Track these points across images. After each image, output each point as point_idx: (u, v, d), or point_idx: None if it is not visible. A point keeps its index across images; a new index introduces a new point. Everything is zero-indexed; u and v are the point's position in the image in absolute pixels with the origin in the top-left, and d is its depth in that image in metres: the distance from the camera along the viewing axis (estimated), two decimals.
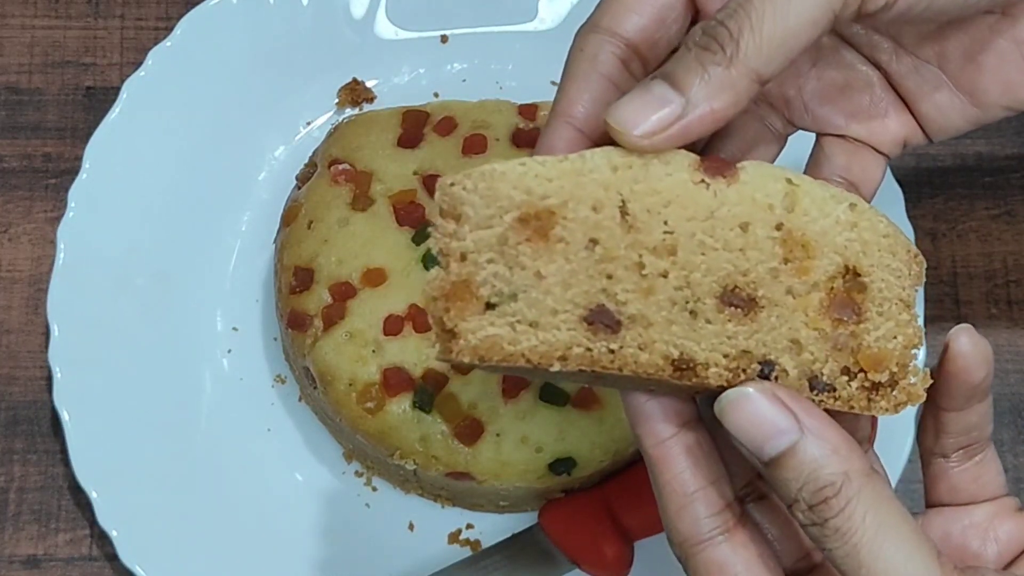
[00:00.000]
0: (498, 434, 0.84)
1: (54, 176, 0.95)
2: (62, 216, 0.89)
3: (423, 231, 0.86)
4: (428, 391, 0.84)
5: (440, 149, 0.89)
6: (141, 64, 0.92)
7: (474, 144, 0.89)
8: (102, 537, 0.86)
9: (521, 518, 0.89)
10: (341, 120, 0.93)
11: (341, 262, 0.87)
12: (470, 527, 0.89)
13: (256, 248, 0.93)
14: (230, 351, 0.91)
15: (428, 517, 0.89)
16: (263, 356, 0.92)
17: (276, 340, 0.92)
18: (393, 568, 0.87)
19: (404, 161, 0.89)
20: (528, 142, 0.89)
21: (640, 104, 0.55)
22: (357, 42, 0.96)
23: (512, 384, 0.84)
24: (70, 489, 0.89)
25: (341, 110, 0.96)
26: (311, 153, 0.92)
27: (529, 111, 0.90)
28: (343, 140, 0.90)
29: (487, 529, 0.89)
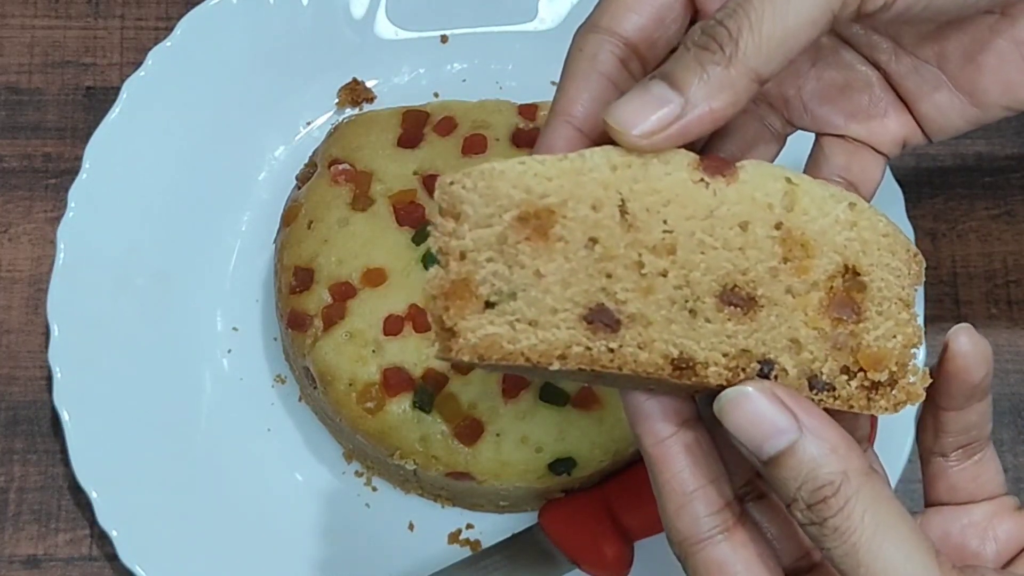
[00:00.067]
0: (498, 434, 0.84)
1: (54, 176, 0.95)
2: (62, 216, 0.89)
3: (423, 231, 0.86)
4: (428, 391, 0.84)
5: (440, 149, 0.89)
6: (141, 64, 0.92)
7: (474, 144, 0.89)
8: (102, 537, 0.86)
9: (521, 518, 0.89)
10: (341, 120, 0.93)
11: (341, 262, 0.87)
12: (470, 527, 0.89)
13: (256, 248, 0.93)
14: (230, 351, 0.91)
15: (428, 517, 0.89)
16: (263, 356, 0.92)
17: (276, 340, 0.92)
18: (393, 568, 0.87)
19: (404, 161, 0.89)
20: (528, 142, 0.89)
21: (639, 104, 0.55)
22: (357, 42, 0.96)
23: (512, 384, 0.84)
24: (70, 489, 0.89)
25: (341, 110, 0.96)
26: (311, 153, 0.92)
27: (529, 111, 0.90)
28: (343, 140, 0.90)
29: (487, 529, 0.89)
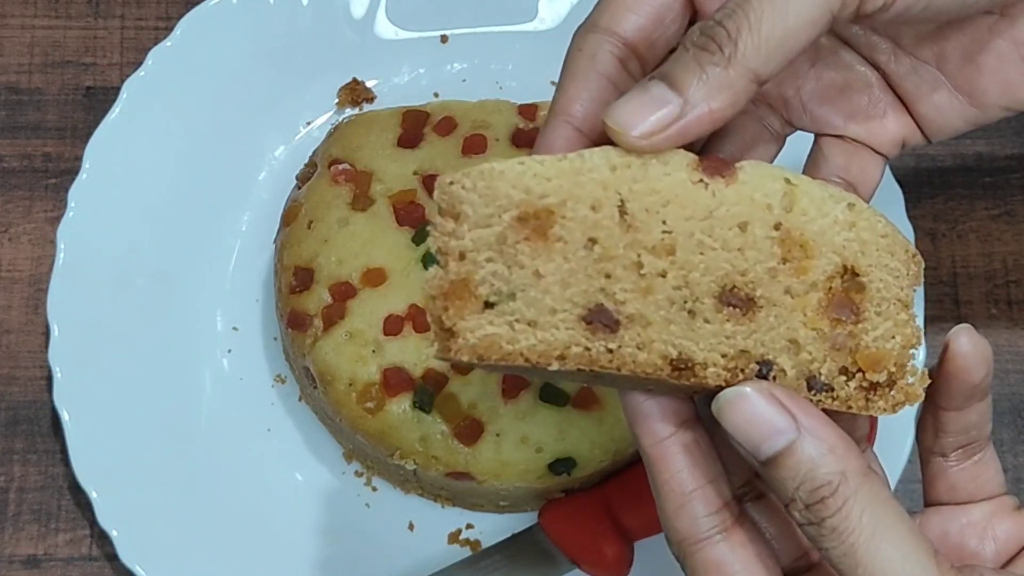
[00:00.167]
0: (498, 434, 0.84)
1: (54, 176, 0.95)
2: (62, 216, 0.89)
3: (423, 231, 0.86)
4: (428, 391, 0.84)
5: (440, 149, 0.89)
6: (141, 64, 0.92)
7: (474, 144, 0.89)
8: (102, 537, 0.86)
9: (521, 518, 0.89)
10: (341, 120, 0.93)
11: (341, 262, 0.87)
12: (470, 527, 0.89)
13: (256, 248, 0.93)
14: (230, 351, 0.91)
15: (428, 517, 0.89)
16: (263, 356, 0.92)
17: (276, 340, 0.92)
18: (393, 568, 0.87)
19: (404, 161, 0.89)
20: (528, 142, 0.89)
21: (638, 104, 0.55)
22: (357, 42, 0.96)
23: (512, 384, 0.84)
24: (70, 489, 0.89)
25: (341, 110, 0.96)
26: (311, 153, 0.92)
27: (529, 111, 0.90)
28: (343, 140, 0.90)
29: (487, 529, 0.89)
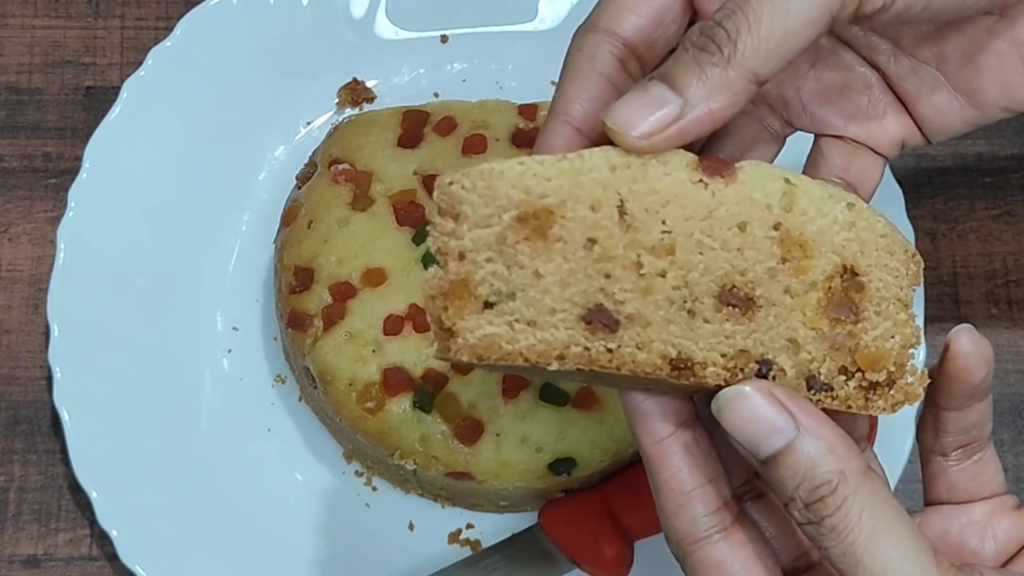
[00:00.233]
0: (498, 434, 0.84)
1: (54, 176, 0.95)
2: (62, 216, 0.89)
3: (423, 231, 0.86)
4: (428, 391, 0.84)
5: (440, 149, 0.89)
6: (141, 64, 0.92)
7: (474, 144, 0.89)
8: (102, 537, 0.86)
9: (521, 518, 0.89)
10: (341, 120, 0.93)
11: (341, 262, 0.87)
12: (470, 527, 0.89)
13: (256, 248, 0.93)
14: (230, 351, 0.91)
15: (428, 517, 0.89)
16: (263, 356, 0.92)
17: (276, 340, 0.92)
18: (393, 568, 0.87)
19: (404, 161, 0.89)
20: (528, 142, 0.89)
21: (638, 105, 0.55)
22: (357, 42, 0.96)
23: (512, 384, 0.84)
24: (70, 489, 0.89)
25: (341, 110, 0.96)
26: (311, 153, 0.92)
27: (529, 111, 0.90)
28: (343, 140, 0.90)
29: (487, 529, 0.89)
